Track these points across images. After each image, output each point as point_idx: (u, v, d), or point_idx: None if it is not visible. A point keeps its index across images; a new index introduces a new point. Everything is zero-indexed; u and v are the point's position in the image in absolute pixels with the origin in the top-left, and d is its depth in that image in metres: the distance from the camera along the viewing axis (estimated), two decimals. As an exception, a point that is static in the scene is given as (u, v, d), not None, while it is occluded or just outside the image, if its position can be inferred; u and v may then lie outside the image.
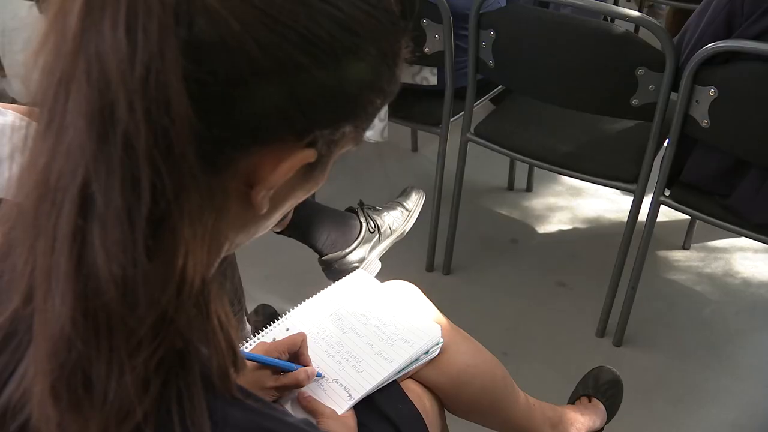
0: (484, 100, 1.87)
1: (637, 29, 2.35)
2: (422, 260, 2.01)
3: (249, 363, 0.88)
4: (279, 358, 0.89)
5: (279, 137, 0.44)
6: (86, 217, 0.38)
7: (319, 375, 0.90)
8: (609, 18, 2.07)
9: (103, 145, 0.37)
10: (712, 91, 1.40)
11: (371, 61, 0.46)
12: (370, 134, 1.77)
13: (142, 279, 0.38)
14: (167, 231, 0.39)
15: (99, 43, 0.37)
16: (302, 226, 1.50)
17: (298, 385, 0.88)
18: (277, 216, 0.52)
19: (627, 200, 1.65)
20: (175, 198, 0.38)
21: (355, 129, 0.50)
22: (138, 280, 0.38)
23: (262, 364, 0.88)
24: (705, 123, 1.43)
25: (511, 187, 2.34)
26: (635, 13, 1.46)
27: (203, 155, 0.40)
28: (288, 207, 0.52)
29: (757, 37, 1.31)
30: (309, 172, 0.49)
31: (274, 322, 1.05)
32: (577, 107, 1.65)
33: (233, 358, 0.45)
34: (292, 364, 0.89)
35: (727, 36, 1.36)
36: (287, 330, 0.98)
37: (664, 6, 3.11)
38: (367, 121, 0.51)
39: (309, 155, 0.46)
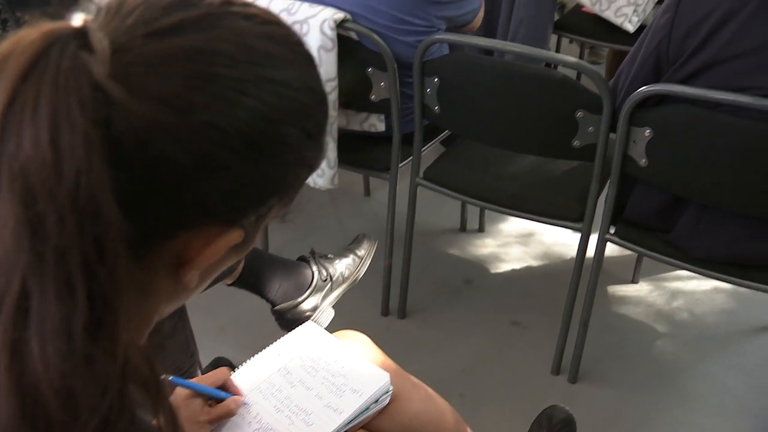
0: (431, 145, 1.90)
1: (579, 75, 2.43)
2: (377, 305, 2.01)
3: (182, 393, 0.89)
4: None
5: (204, 224, 0.44)
6: (24, 329, 0.38)
7: (246, 403, 0.92)
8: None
9: (36, 258, 0.37)
10: (647, 132, 1.45)
11: (296, 144, 0.47)
12: (321, 182, 1.78)
13: (82, 386, 0.38)
14: (105, 333, 0.39)
15: (21, 157, 0.37)
16: (253, 277, 1.50)
17: (229, 414, 0.90)
18: (206, 284, 0.52)
19: (576, 238, 1.68)
20: (112, 300, 0.39)
21: (281, 202, 0.50)
22: (78, 387, 0.38)
23: (195, 394, 0.89)
24: (643, 162, 1.48)
25: (463, 228, 2.37)
26: (572, 59, 1.51)
27: (133, 251, 0.40)
28: (217, 274, 0.53)
29: (684, 81, 1.37)
30: (239, 246, 0.50)
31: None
32: (521, 150, 1.69)
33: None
34: (222, 392, 0.91)
35: (657, 80, 1.42)
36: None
37: (604, 47, 3.22)
38: (294, 193, 0.52)
39: (236, 236, 0.47)
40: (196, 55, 0.42)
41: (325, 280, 1.57)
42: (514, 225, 2.38)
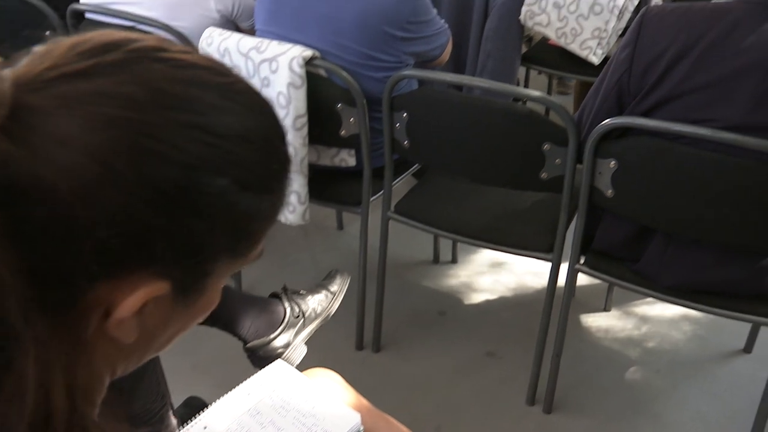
0: (402, 179, 1.92)
1: (548, 108, 2.46)
2: (351, 339, 2.00)
3: None
4: None
5: (118, 276, 0.42)
6: None
7: None
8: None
9: None
10: (612, 163, 1.48)
11: (225, 196, 0.44)
12: (292, 218, 1.79)
13: None
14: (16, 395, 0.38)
15: None
16: (225, 315, 1.49)
17: None
18: (162, 341, 0.51)
19: (548, 268, 1.70)
20: (17, 360, 0.37)
21: (234, 255, 0.48)
22: None
23: None
24: (609, 193, 1.51)
25: (436, 259, 2.38)
26: (537, 94, 1.54)
27: (47, 310, 0.39)
28: (175, 333, 0.51)
29: (645, 114, 1.40)
30: (181, 300, 0.47)
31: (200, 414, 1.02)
32: (490, 183, 1.71)
33: None
34: None
35: (620, 113, 1.45)
36: (204, 428, 0.96)
37: (571, 79, 3.29)
38: (249, 246, 0.49)
39: (158, 289, 0.44)
40: (98, 98, 0.40)
41: (298, 316, 1.56)
42: (486, 255, 2.40)
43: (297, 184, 1.75)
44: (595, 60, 2.49)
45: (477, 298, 2.24)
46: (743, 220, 1.38)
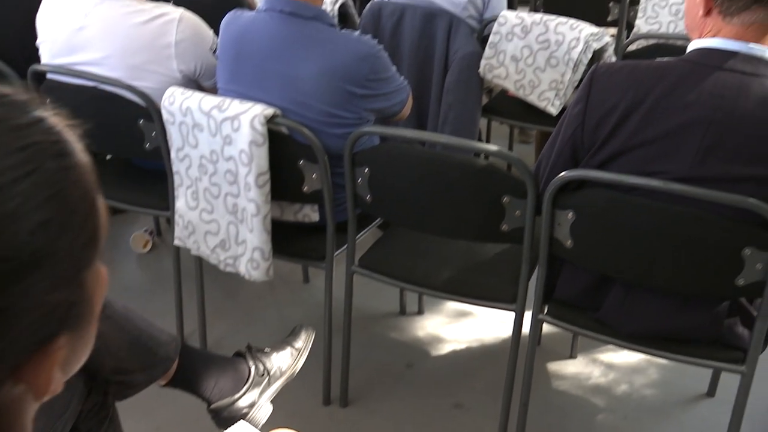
0: (366, 233, 1.93)
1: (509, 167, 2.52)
2: (318, 394, 1.98)
3: None
4: None
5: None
6: None
7: None
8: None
9: None
10: (570, 215, 1.51)
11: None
12: (256, 274, 1.78)
13: None
14: None
15: None
16: (187, 376, 1.47)
17: None
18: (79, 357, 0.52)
19: (513, 317, 1.71)
20: None
21: (71, 336, 0.48)
22: None
23: None
24: (568, 243, 1.54)
25: (402, 311, 2.38)
26: (494, 148, 1.58)
27: None
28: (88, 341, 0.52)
29: (600, 166, 1.44)
30: (77, 330, 0.49)
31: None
32: (452, 236, 1.73)
33: None
34: None
35: (575, 165, 1.49)
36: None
37: (532, 128, 3.36)
38: (80, 324, 0.50)
39: (61, 345, 0.46)
40: None
41: (262, 375, 1.55)
42: (453, 305, 2.41)
43: (260, 240, 1.76)
44: (554, 111, 2.56)
45: (444, 348, 2.24)
46: (696, 268, 1.41)
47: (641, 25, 3.29)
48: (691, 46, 1.39)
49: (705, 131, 1.31)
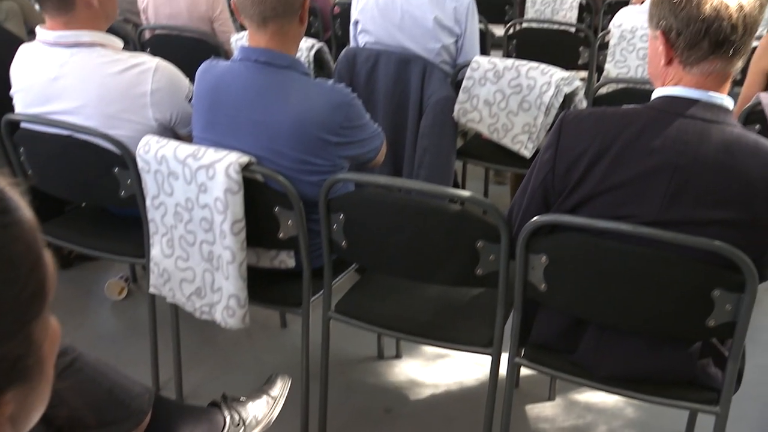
0: (342, 278, 1.93)
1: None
2: (296, 442, 1.96)
3: None
4: None
5: None
6: None
7: None
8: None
9: None
10: (543, 258, 1.53)
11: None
12: (232, 322, 1.77)
13: None
14: None
15: None
16: (161, 428, 1.45)
17: None
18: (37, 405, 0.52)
19: (490, 361, 1.72)
20: None
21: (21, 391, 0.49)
22: None
23: None
24: (542, 287, 1.55)
25: (380, 355, 2.37)
26: (467, 194, 1.60)
27: None
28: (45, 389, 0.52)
29: (571, 210, 1.46)
30: (28, 383, 0.49)
31: None
32: (427, 281, 1.74)
33: None
34: None
35: (547, 209, 1.51)
36: None
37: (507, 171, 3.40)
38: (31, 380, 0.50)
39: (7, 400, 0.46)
40: None
41: (238, 424, 1.53)
42: (431, 349, 2.40)
43: (236, 288, 1.75)
44: (527, 153, 2.60)
45: (423, 393, 2.23)
46: (667, 309, 1.43)
47: (610, 68, 3.38)
48: (655, 94, 1.43)
49: (671, 176, 1.34)
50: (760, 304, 2.64)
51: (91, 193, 2.01)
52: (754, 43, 2.43)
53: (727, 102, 1.37)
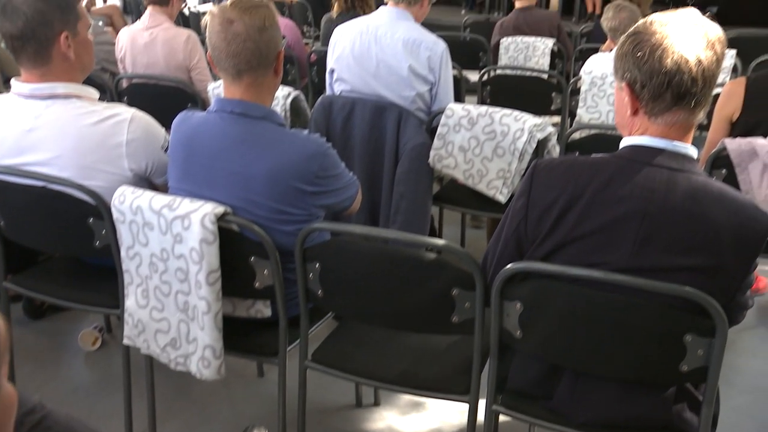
0: (318, 327, 1.92)
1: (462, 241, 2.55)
2: (273, 496, 1.93)
3: None
4: None
5: None
6: None
7: None
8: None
9: None
10: (518, 305, 1.54)
11: None
12: (207, 373, 1.76)
13: None
14: None
15: None
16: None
17: None
18: None
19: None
20: None
21: None
22: None
23: None
24: (518, 334, 1.56)
25: (358, 403, 2.35)
26: (441, 242, 1.61)
27: None
28: None
29: (544, 258, 1.48)
30: None
31: None
32: (403, 329, 1.74)
33: None
34: None
35: (521, 257, 1.53)
36: None
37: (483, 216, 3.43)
38: None
39: None
40: None
41: (213, 480, 1.50)
42: (409, 396, 2.38)
43: (211, 338, 1.74)
44: (502, 198, 2.63)
45: (402, 441, 2.21)
46: (641, 355, 1.45)
47: (582, 114, 3.45)
48: (623, 143, 1.47)
49: (640, 224, 1.37)
50: (733, 345, 2.68)
51: (65, 243, 1.99)
52: (718, 90, 2.51)
53: (692, 151, 1.40)
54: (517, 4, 4.82)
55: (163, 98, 3.18)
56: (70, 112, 1.86)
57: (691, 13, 1.39)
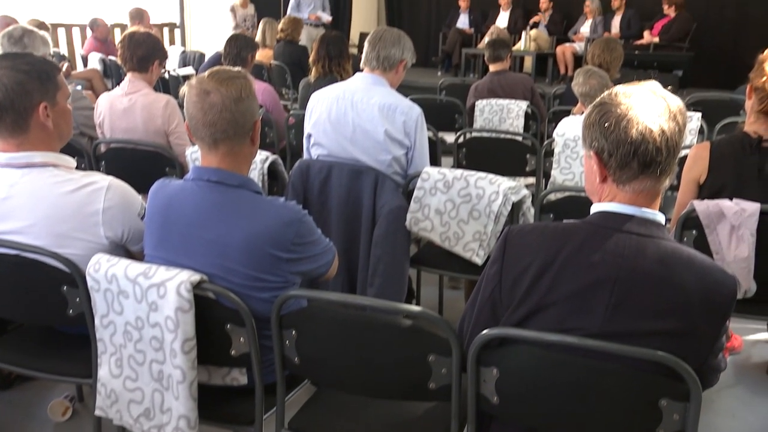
0: (295, 394, 1.91)
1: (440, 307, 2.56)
2: None
3: None
4: None
5: None
6: None
7: None
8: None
9: None
10: (494, 371, 1.54)
11: None
12: (180, 445, 1.72)
13: None
14: None
15: None
16: None
17: None
18: None
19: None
20: None
21: None
22: None
23: None
24: (495, 400, 1.55)
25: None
26: (416, 309, 1.62)
27: None
28: None
29: (519, 323, 1.49)
30: None
31: None
32: (381, 396, 1.73)
33: None
34: None
35: (496, 323, 1.54)
36: None
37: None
38: None
39: None
40: None
41: None
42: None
43: (186, 408, 1.71)
44: (478, 261, 2.65)
45: None
46: (617, 420, 1.44)
47: (556, 175, 3.52)
48: (593, 209, 1.50)
49: (611, 289, 1.39)
50: (712, 405, 2.69)
51: (38, 312, 1.96)
52: (685, 151, 2.58)
53: (659, 218, 1.44)
54: (491, 68, 4.94)
55: (141, 162, 3.19)
56: (45, 180, 1.86)
57: (653, 85, 1.45)
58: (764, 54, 2.41)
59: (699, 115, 3.98)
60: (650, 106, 1.39)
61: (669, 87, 1.45)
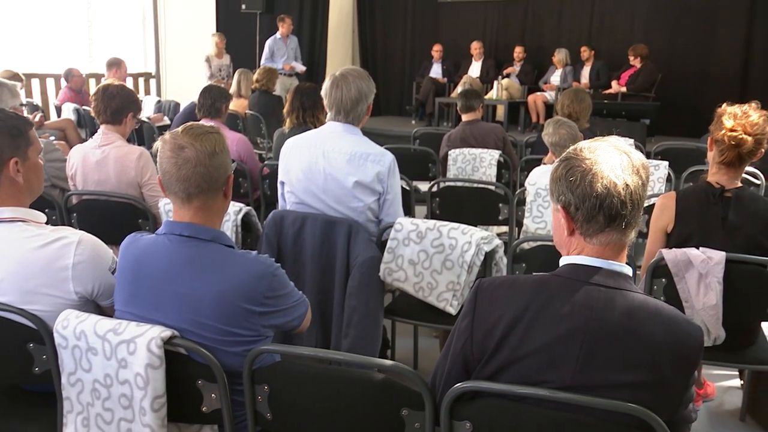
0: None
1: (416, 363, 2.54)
2: None
3: None
4: None
5: None
6: None
7: None
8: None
9: None
10: (468, 425, 1.53)
11: None
12: (149, 506, 1.68)
13: None
14: None
15: None
16: None
17: None
18: None
19: None
20: None
21: None
22: None
23: None
24: (470, 454, 1.54)
25: None
26: (389, 363, 1.62)
27: None
28: None
29: (491, 376, 1.49)
30: None
31: None
32: (354, 451, 1.70)
33: None
34: None
35: (468, 376, 1.54)
36: None
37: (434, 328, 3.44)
38: None
39: None
40: None
41: None
42: None
43: (155, 468, 1.67)
44: (452, 311, 2.65)
45: None
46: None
47: (529, 223, 3.56)
48: (562, 261, 1.52)
49: (581, 342, 1.40)
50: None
51: (1, 370, 1.92)
52: (654, 200, 2.63)
53: (627, 270, 1.46)
54: (464, 118, 5.03)
55: (113, 214, 3.18)
56: (14, 235, 1.85)
57: (617, 140, 1.49)
58: (722, 108, 2.49)
59: (666, 163, 4.07)
60: (614, 161, 1.43)
61: (633, 140, 1.50)
